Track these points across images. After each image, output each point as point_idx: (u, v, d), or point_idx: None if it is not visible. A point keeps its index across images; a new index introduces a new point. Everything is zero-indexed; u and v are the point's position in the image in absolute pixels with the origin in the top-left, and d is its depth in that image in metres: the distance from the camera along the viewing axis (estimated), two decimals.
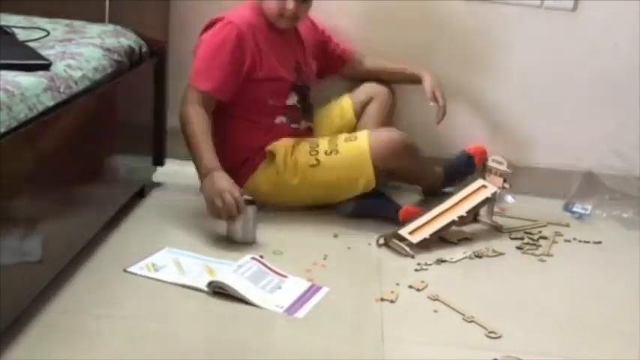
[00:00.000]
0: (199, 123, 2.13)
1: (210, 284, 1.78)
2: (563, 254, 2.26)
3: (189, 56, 2.58)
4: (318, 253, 2.06)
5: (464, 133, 2.69)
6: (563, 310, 1.91)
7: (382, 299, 1.84)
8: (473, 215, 2.35)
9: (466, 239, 2.27)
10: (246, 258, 1.91)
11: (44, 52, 1.73)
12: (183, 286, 1.80)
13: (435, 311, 1.82)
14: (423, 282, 1.94)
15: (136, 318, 1.65)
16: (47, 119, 1.54)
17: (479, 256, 2.15)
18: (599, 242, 2.37)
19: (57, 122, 1.60)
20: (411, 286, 1.92)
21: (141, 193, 2.31)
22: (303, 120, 2.37)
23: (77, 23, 2.15)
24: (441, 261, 2.09)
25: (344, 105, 2.49)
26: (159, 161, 2.41)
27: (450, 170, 2.54)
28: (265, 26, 2.23)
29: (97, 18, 2.22)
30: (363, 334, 1.69)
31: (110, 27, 2.16)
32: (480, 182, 2.36)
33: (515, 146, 2.65)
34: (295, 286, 1.86)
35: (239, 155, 2.28)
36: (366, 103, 2.47)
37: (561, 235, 2.39)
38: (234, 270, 1.84)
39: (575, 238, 2.37)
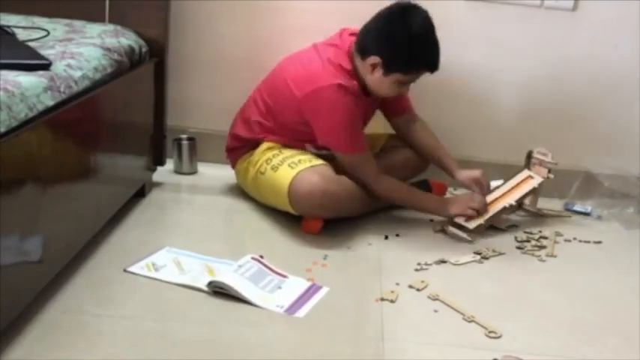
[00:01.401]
0: (395, 183, 2.28)
1: (210, 284, 1.78)
2: (563, 254, 2.26)
3: (189, 56, 2.60)
4: (319, 253, 2.06)
5: (464, 132, 2.70)
6: (563, 310, 1.91)
7: (382, 299, 1.84)
8: (518, 204, 2.47)
9: (514, 226, 2.41)
10: (246, 258, 1.91)
11: (44, 52, 1.73)
12: (183, 285, 1.80)
13: (435, 311, 1.82)
14: (423, 282, 1.95)
15: (136, 318, 1.65)
16: (47, 119, 1.54)
17: (485, 258, 2.16)
18: (599, 242, 2.38)
19: (57, 122, 1.60)
20: (411, 286, 1.92)
21: (141, 193, 2.31)
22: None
23: (77, 23, 2.15)
24: (441, 261, 2.10)
25: (377, 138, 2.50)
26: (159, 161, 2.41)
27: None
28: (361, 89, 2.21)
29: (97, 18, 2.23)
30: (363, 334, 1.69)
31: (110, 27, 2.16)
32: (526, 173, 2.48)
33: (514, 146, 2.65)
34: (295, 286, 1.86)
35: (254, 138, 2.32)
36: (393, 147, 2.49)
37: (561, 235, 2.40)
38: (235, 270, 1.84)
39: (575, 238, 2.38)
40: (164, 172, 2.52)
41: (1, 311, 1.41)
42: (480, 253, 2.17)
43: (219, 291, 1.77)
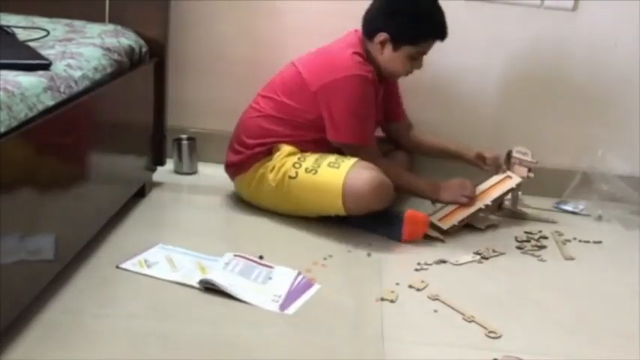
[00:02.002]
0: (393, 169, 2.26)
1: (201, 281, 1.79)
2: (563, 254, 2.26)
3: (189, 56, 2.60)
4: (319, 253, 2.06)
5: (464, 132, 2.69)
6: (563, 310, 1.91)
7: (382, 299, 1.84)
8: (498, 204, 2.46)
9: (493, 226, 2.40)
10: (229, 255, 1.91)
11: (44, 52, 1.73)
12: (175, 282, 1.81)
13: (435, 311, 1.82)
14: (423, 282, 1.95)
15: (136, 318, 1.65)
16: (47, 119, 1.54)
17: (485, 258, 2.16)
18: (599, 242, 2.38)
19: (57, 122, 1.60)
20: (411, 286, 1.92)
21: (141, 193, 2.31)
22: None
23: (77, 23, 2.15)
24: (441, 261, 2.10)
25: None
26: (159, 161, 2.41)
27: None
28: (375, 74, 2.21)
29: (97, 18, 2.23)
30: (363, 334, 1.69)
31: (110, 27, 2.16)
32: (504, 174, 2.45)
33: (514, 146, 2.64)
34: (284, 274, 1.87)
35: (264, 143, 2.27)
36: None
37: (562, 235, 2.40)
38: (223, 267, 1.85)
39: (575, 238, 2.38)
40: (164, 172, 2.52)
41: (1, 311, 1.41)
42: (479, 253, 2.17)
43: (210, 287, 1.78)
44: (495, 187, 2.41)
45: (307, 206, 2.23)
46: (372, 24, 2.19)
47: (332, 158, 2.20)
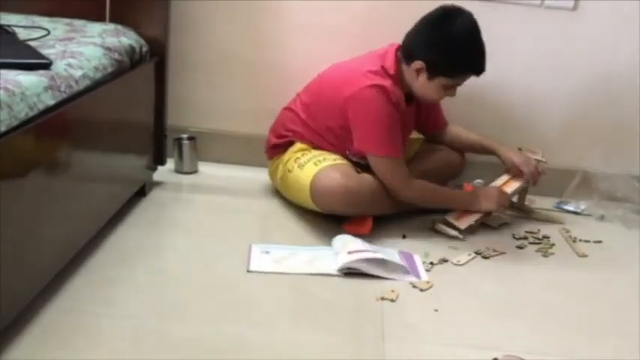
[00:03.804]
0: (426, 185, 2.26)
1: (340, 269, 1.93)
2: (563, 254, 2.26)
3: (190, 55, 2.59)
4: None
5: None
6: (564, 310, 1.91)
7: (383, 298, 1.84)
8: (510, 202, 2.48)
9: (505, 224, 2.42)
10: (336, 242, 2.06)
11: (45, 52, 1.73)
12: (313, 274, 1.92)
13: (436, 310, 1.82)
14: (428, 282, 1.94)
15: (136, 317, 1.65)
16: (48, 118, 1.54)
17: (486, 257, 2.16)
18: (600, 242, 2.38)
19: (57, 121, 1.60)
20: (414, 286, 1.92)
21: (141, 192, 2.31)
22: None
23: (78, 22, 2.15)
24: (443, 260, 2.10)
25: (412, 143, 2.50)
26: (159, 160, 2.41)
27: None
28: (403, 97, 2.22)
29: (97, 17, 2.22)
30: (364, 333, 1.69)
31: (111, 26, 2.16)
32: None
33: (513, 145, 2.64)
34: (388, 252, 2.06)
35: (284, 136, 2.35)
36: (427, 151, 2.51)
37: (568, 232, 2.41)
38: (336, 254, 2.00)
39: (575, 238, 2.38)
40: (165, 172, 2.52)
41: (1, 311, 1.41)
42: (480, 253, 2.17)
43: (349, 272, 1.93)
44: (508, 184, 2.43)
45: (296, 200, 2.30)
46: (411, 49, 2.19)
47: (324, 157, 2.24)
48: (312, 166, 2.20)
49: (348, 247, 2.00)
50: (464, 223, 2.28)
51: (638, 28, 2.58)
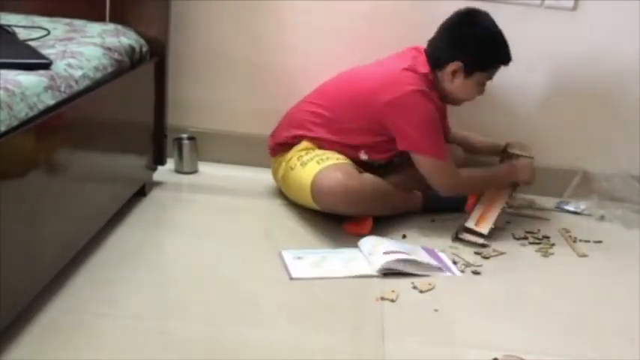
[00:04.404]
0: (471, 175, 2.36)
1: (380, 270, 1.95)
2: (563, 253, 2.26)
3: (190, 55, 2.59)
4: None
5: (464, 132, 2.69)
6: (564, 310, 1.91)
7: (383, 298, 1.84)
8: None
9: (508, 222, 2.43)
10: (366, 244, 2.09)
11: (45, 51, 1.73)
12: (351, 277, 1.94)
13: (436, 310, 1.82)
14: (429, 284, 1.94)
15: (136, 317, 1.65)
16: (48, 118, 1.54)
17: (486, 257, 2.16)
18: (600, 242, 2.38)
19: (57, 121, 1.60)
20: (415, 287, 1.92)
21: (141, 192, 2.31)
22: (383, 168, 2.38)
23: (78, 22, 2.15)
24: (454, 262, 2.10)
25: None
26: (159, 160, 2.41)
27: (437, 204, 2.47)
28: (438, 98, 2.28)
29: (97, 17, 2.22)
30: (364, 333, 1.69)
31: (111, 26, 2.16)
32: None
33: (509, 140, 2.65)
34: (416, 250, 2.10)
35: (295, 135, 2.34)
36: None
37: (568, 232, 2.40)
38: (369, 254, 2.02)
39: (575, 238, 2.38)
40: (165, 172, 2.52)
41: (1, 311, 1.41)
42: (480, 253, 2.17)
43: (388, 272, 1.95)
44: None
45: (297, 198, 2.30)
46: (441, 54, 2.26)
47: (327, 156, 2.24)
48: (314, 165, 2.20)
49: (380, 249, 2.02)
50: (485, 228, 2.27)
51: (638, 28, 2.58)
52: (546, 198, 2.67)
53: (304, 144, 2.31)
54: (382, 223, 2.26)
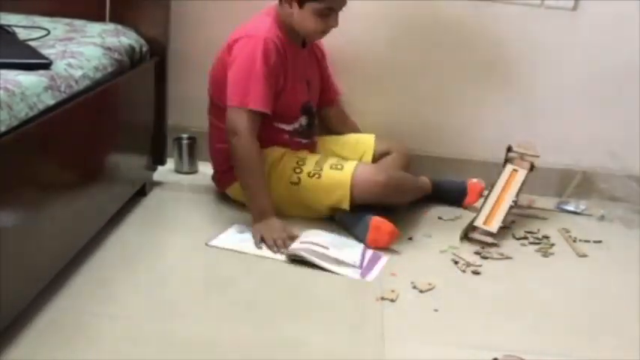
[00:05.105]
0: (259, 160, 2.14)
1: (288, 255, 1.98)
2: (563, 253, 2.26)
3: (190, 55, 2.59)
4: None
5: (464, 131, 2.70)
6: (563, 310, 1.91)
7: (383, 298, 1.84)
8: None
9: (513, 222, 2.42)
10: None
11: (45, 51, 1.73)
12: (262, 257, 2.00)
13: (436, 310, 1.82)
14: (429, 284, 1.94)
15: (136, 317, 1.65)
16: (48, 118, 1.54)
17: (485, 257, 2.16)
18: (599, 241, 2.38)
19: (57, 121, 1.60)
20: (414, 287, 1.92)
21: (141, 192, 2.31)
22: (307, 137, 2.37)
23: (78, 22, 2.15)
24: (454, 262, 2.10)
25: (367, 143, 2.45)
26: (159, 160, 2.41)
27: (442, 193, 2.52)
28: (287, 40, 2.20)
29: (97, 17, 2.22)
30: (364, 333, 1.69)
31: (111, 26, 2.16)
32: (510, 168, 2.45)
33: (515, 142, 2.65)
34: (354, 247, 2.10)
35: (227, 162, 2.24)
36: (384, 153, 2.45)
37: (568, 232, 2.41)
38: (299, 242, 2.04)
39: (575, 238, 2.38)
40: (165, 172, 2.52)
41: (1, 311, 1.41)
42: (479, 253, 2.17)
43: (296, 259, 1.97)
44: (510, 182, 2.41)
45: (312, 207, 2.25)
46: None
47: (333, 160, 2.25)
48: (335, 172, 2.20)
49: (304, 237, 2.06)
50: (494, 226, 2.26)
51: (638, 28, 2.58)
52: (546, 198, 2.67)
53: (277, 150, 2.25)
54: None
